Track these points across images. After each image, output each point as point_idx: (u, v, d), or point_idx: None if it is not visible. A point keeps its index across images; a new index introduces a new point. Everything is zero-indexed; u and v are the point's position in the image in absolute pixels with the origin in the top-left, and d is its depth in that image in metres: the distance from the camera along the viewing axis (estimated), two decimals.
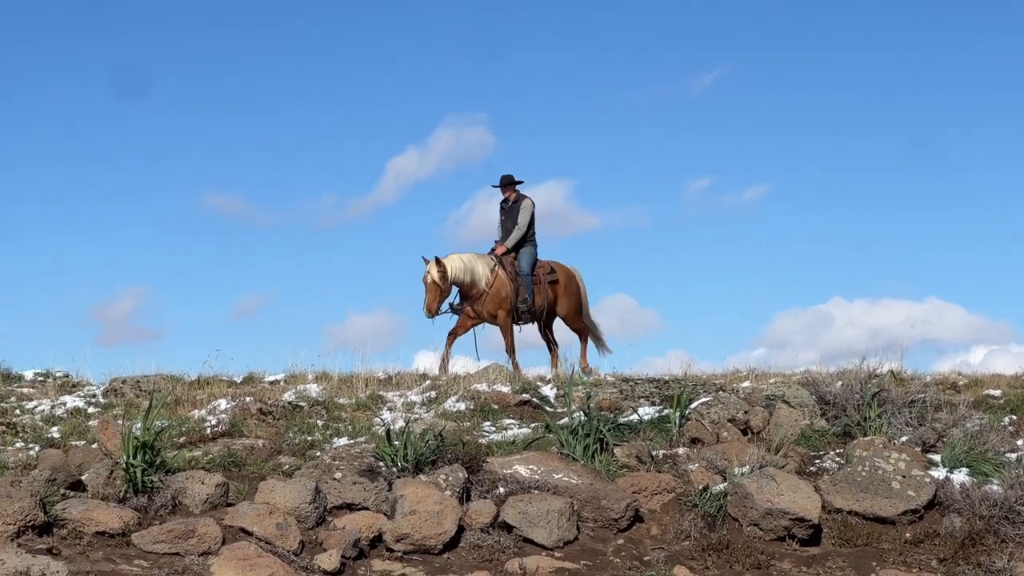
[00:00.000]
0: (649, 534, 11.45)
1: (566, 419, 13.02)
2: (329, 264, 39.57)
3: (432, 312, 18.57)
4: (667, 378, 15.64)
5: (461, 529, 10.90)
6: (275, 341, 32.00)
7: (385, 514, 10.97)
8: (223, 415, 13.28)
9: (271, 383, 15.77)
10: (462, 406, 14.18)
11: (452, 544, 10.80)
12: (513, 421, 13.83)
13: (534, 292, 19.06)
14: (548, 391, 15.12)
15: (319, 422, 13.38)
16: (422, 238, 40.41)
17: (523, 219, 19.23)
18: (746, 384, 15.47)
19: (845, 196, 42.10)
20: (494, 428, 13.51)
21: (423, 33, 42.44)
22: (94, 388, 15.36)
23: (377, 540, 10.77)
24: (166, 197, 40.03)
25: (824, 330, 38.24)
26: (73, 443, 12.27)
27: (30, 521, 10.01)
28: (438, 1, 42.80)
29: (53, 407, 14.03)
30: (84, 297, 38.66)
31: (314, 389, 14.70)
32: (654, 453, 12.61)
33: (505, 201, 19.59)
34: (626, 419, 13.57)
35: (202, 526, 10.26)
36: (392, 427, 12.36)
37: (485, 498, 11.38)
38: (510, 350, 18.82)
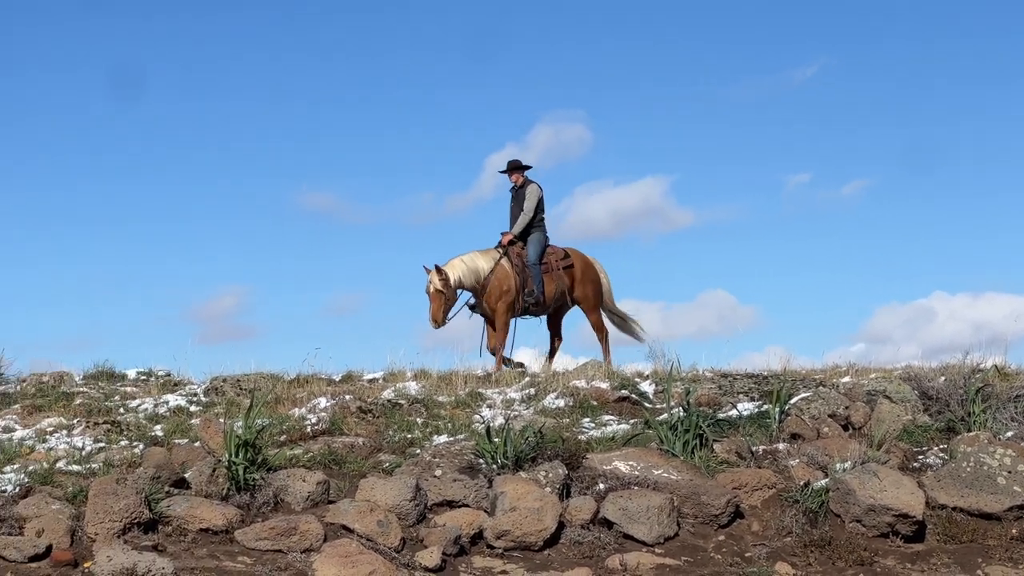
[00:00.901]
0: (750, 530, 11.38)
1: (665, 415, 12.97)
2: (427, 261, 39.57)
3: (439, 322, 17.90)
4: (766, 374, 15.53)
5: (561, 526, 10.89)
6: (372, 339, 32.11)
7: (485, 511, 10.99)
8: (323, 413, 13.36)
9: (370, 381, 15.84)
10: (561, 403, 14.16)
11: (552, 541, 10.80)
12: (612, 417, 13.80)
13: (543, 282, 18.36)
14: (647, 387, 15.05)
15: (419, 420, 13.42)
16: None
17: (529, 204, 18.55)
18: (846, 379, 15.32)
19: (947, 189, 41.60)
20: (593, 424, 13.48)
21: (522, 29, 42.46)
22: (195, 387, 15.50)
23: (477, 537, 10.80)
24: (264, 196, 40.31)
25: (926, 324, 37.81)
26: (176, 441, 12.39)
27: (135, 518, 10.14)
28: None
29: (156, 405, 14.17)
30: (185, 297, 39.07)
31: (413, 387, 14.75)
32: (754, 449, 12.53)
33: (513, 187, 18.97)
34: (725, 415, 13.49)
35: (304, 523, 10.34)
36: (492, 424, 12.36)
37: (585, 494, 11.37)
38: (499, 347, 18.03)
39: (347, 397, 13.80)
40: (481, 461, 11.75)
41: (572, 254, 18.87)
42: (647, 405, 14.00)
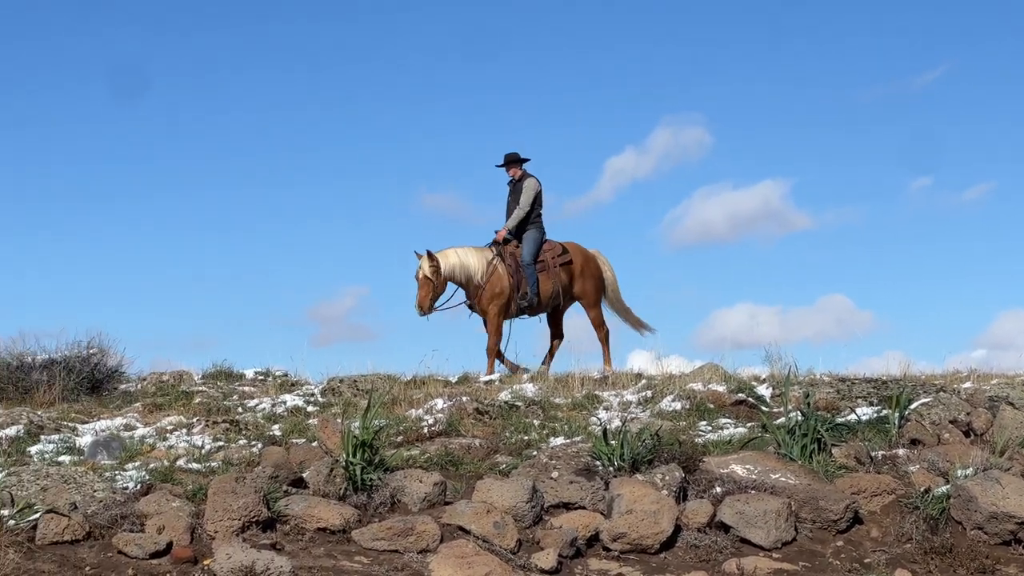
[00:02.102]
0: (869, 536, 11.24)
1: (783, 419, 12.87)
2: None
3: (424, 309, 17.59)
4: (885, 378, 15.35)
5: (678, 529, 10.83)
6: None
7: (602, 513, 10.96)
8: (440, 414, 13.40)
9: (486, 383, 15.87)
10: (678, 405, 14.10)
11: (669, 544, 10.74)
12: (729, 420, 13.71)
13: (538, 282, 17.96)
14: (764, 391, 14.94)
15: (535, 421, 13.42)
16: (638, 238, 40.36)
17: (525, 199, 18.13)
18: (967, 385, 15.11)
19: None
20: (710, 427, 13.40)
21: (643, 31, 42.33)
22: (312, 387, 15.62)
23: (594, 539, 10.76)
24: (385, 197, 40.52)
25: None
26: (294, 441, 12.48)
27: (254, 517, 10.22)
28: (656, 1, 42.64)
29: (274, 405, 14.30)
30: (302, 298, 39.36)
31: (530, 389, 14.76)
32: (873, 454, 12.39)
33: (510, 180, 18.55)
34: (844, 419, 13.35)
35: (421, 524, 10.36)
36: (608, 426, 12.33)
37: (702, 498, 11.30)
38: (492, 351, 17.79)
39: (464, 398, 13.83)
40: (598, 463, 11.72)
41: (571, 249, 18.45)
42: (764, 409, 13.88)
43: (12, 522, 9.99)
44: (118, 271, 37.95)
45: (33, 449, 12.21)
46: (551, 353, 18.62)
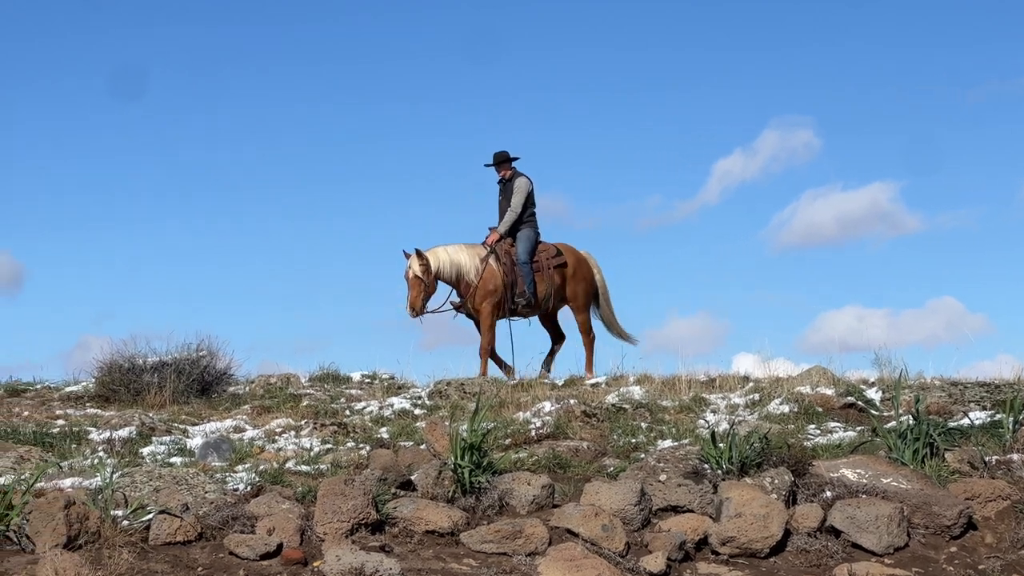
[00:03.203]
0: (983, 542, 11.08)
1: (893, 423, 12.72)
2: (651, 266, 39.56)
3: (416, 310, 17.29)
4: (998, 382, 15.13)
5: (787, 533, 10.73)
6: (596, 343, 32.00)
7: (710, 516, 10.89)
8: (547, 417, 13.39)
9: (592, 385, 15.85)
10: (785, 408, 14.00)
11: (778, 548, 10.65)
12: (838, 424, 13.59)
13: (534, 282, 17.66)
14: (873, 394, 14.80)
15: (643, 424, 13.37)
16: (744, 240, 40.16)
17: (516, 200, 17.80)
18: None
19: None
20: (818, 431, 13.29)
21: (750, 33, 42.10)
22: (419, 390, 15.68)
23: (702, 543, 10.70)
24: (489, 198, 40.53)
25: None
26: (402, 443, 12.53)
27: (363, 519, 10.26)
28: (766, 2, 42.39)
29: (381, 408, 14.37)
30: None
31: (637, 391, 14.71)
32: (987, 459, 12.21)
33: (501, 180, 18.21)
34: (956, 424, 13.17)
35: (529, 527, 10.36)
36: (716, 429, 12.26)
37: (811, 502, 11.20)
38: (485, 350, 17.53)
39: (571, 401, 13.82)
40: (706, 466, 11.65)
41: (565, 251, 18.15)
42: (874, 412, 13.74)
43: (126, 522, 10.10)
44: (227, 272, 38.33)
45: (145, 450, 12.35)
46: (551, 355, 18.44)
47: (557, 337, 18.58)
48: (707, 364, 17.42)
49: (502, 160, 18.14)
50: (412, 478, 11.17)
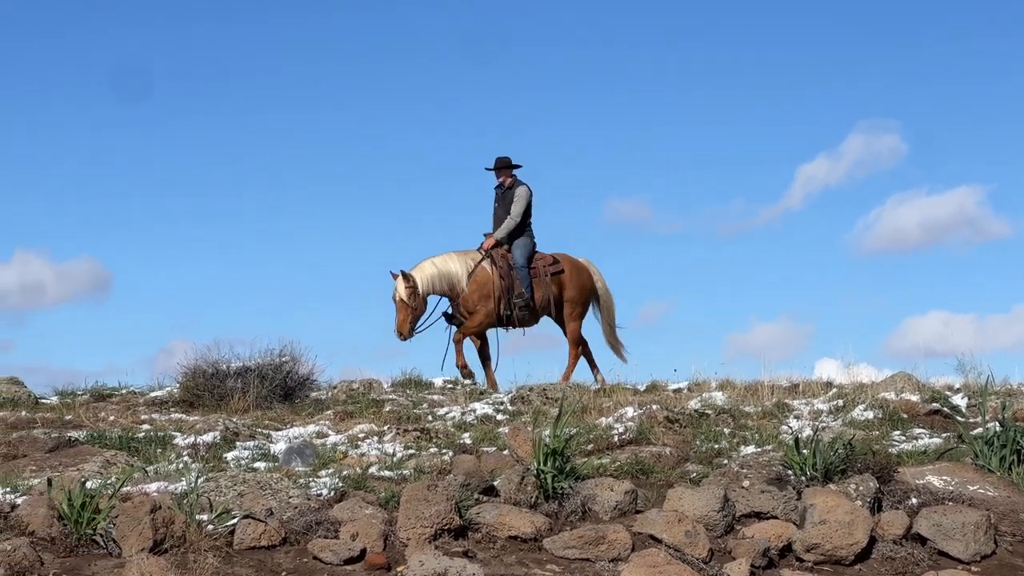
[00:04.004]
0: None
1: (980, 429, 12.60)
2: (733, 271, 39.39)
3: (404, 334, 17.05)
4: None
5: (872, 540, 10.64)
6: (675, 348, 31.99)
7: (794, 523, 10.82)
8: (630, 423, 13.36)
9: (674, 391, 15.81)
10: (870, 415, 13.88)
11: (863, 555, 10.56)
12: (923, 431, 13.46)
13: (532, 286, 17.36)
14: (959, 400, 14.66)
15: (725, 430, 13.31)
16: (828, 245, 39.92)
17: (516, 208, 17.46)
18: None
19: None
20: (903, 437, 13.17)
21: (836, 36, 41.81)
22: (501, 395, 15.69)
23: (786, 550, 10.63)
24: (570, 204, 40.56)
25: None
26: (484, 449, 12.54)
27: (446, 524, 10.28)
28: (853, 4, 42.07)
29: (463, 414, 14.39)
30: None
31: (719, 397, 14.65)
32: None
33: (500, 187, 17.87)
34: None
35: (612, 532, 10.34)
36: (800, 435, 12.18)
37: (897, 509, 11.10)
38: (462, 337, 17.28)
39: (654, 407, 13.78)
40: (789, 472, 11.57)
41: (562, 260, 17.84)
42: (959, 419, 13.60)
43: (211, 527, 10.18)
44: (309, 277, 38.52)
45: (229, 455, 12.44)
46: (591, 364, 18.22)
47: (582, 343, 18.33)
48: (789, 370, 17.30)
49: (504, 166, 17.87)
50: (495, 484, 11.18)
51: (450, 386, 16.49)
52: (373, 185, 40.35)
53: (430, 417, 14.32)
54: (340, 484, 11.28)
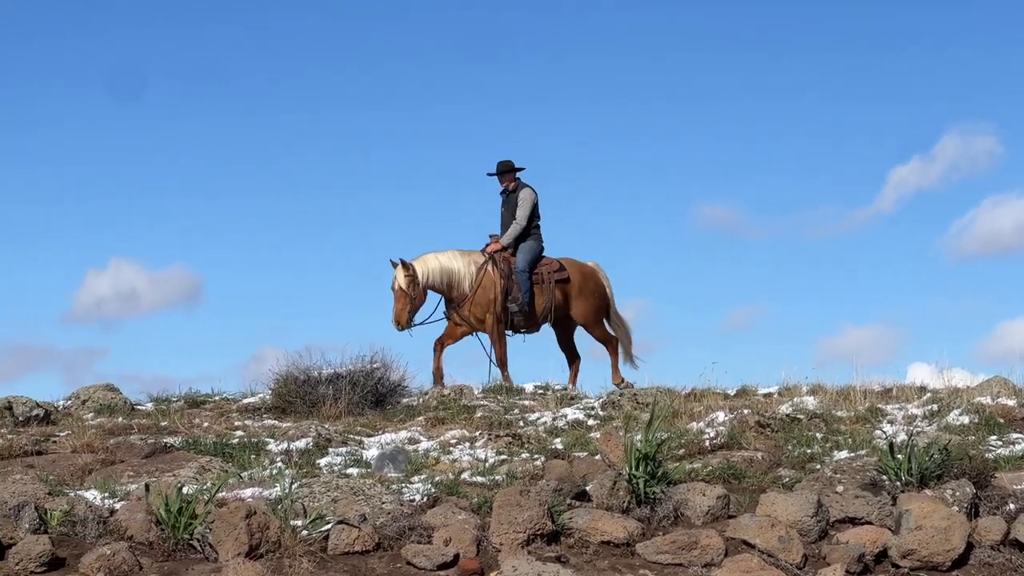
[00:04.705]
0: None
1: None
2: (825, 275, 39.13)
3: (402, 324, 16.82)
4: None
5: (970, 546, 10.54)
6: (766, 353, 31.85)
7: (889, 529, 10.74)
8: (721, 427, 13.31)
9: (765, 395, 15.73)
10: (965, 419, 13.72)
11: (960, 562, 10.46)
12: (1020, 435, 13.28)
13: (532, 292, 17.04)
14: None
15: (817, 435, 13.22)
16: (921, 249, 39.57)
17: (522, 212, 17.15)
18: None
19: None
20: (1000, 442, 13.01)
21: (929, 38, 41.44)
22: (591, 400, 15.67)
23: (881, 555, 10.55)
24: (661, 208, 40.48)
25: None
26: (576, 454, 12.54)
27: (539, 530, 10.29)
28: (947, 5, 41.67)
29: (554, 419, 14.38)
30: None
31: (811, 401, 14.54)
32: None
33: (504, 191, 17.56)
34: None
35: (705, 538, 10.31)
36: (894, 440, 12.08)
37: (994, 514, 10.98)
38: (501, 363, 17.08)
39: (745, 411, 13.72)
40: (884, 478, 11.48)
41: (568, 265, 17.53)
42: None
43: (305, 532, 10.26)
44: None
45: (322, 461, 12.51)
46: (573, 373, 18.00)
47: (572, 357, 18.14)
48: (882, 374, 17.15)
49: (506, 170, 17.63)
50: (587, 488, 11.17)
51: (540, 391, 16.50)
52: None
53: (521, 422, 14.33)
54: (433, 490, 11.32)
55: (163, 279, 39.76)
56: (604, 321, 17.95)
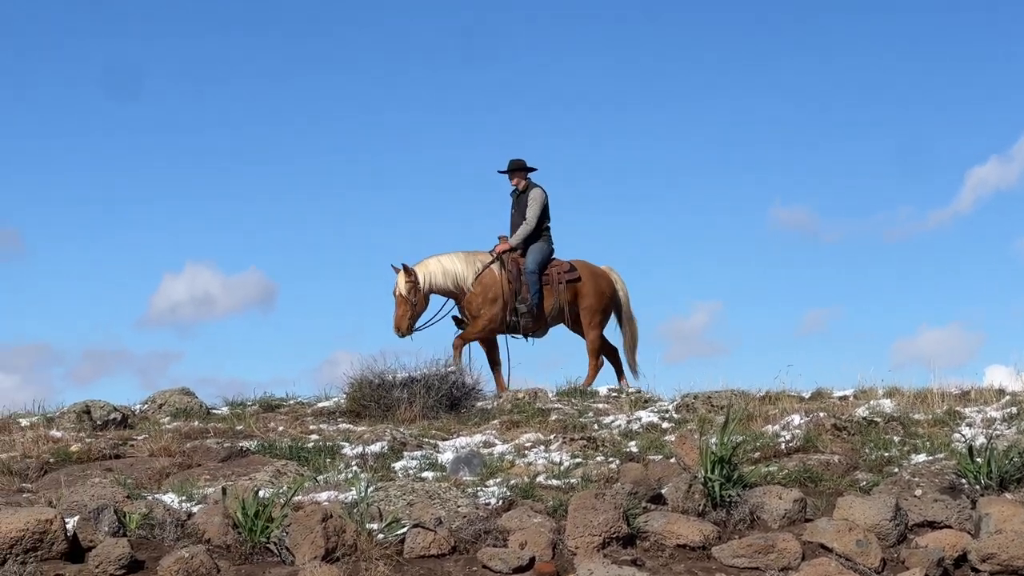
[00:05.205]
0: None
1: None
2: (901, 277, 38.83)
3: (402, 330, 16.70)
4: None
5: None
6: (840, 356, 31.61)
7: (968, 533, 10.65)
8: (797, 430, 13.23)
9: (840, 398, 15.61)
10: None
11: None
12: None
13: (541, 294, 16.79)
14: None
15: (895, 438, 13.12)
16: (1000, 250, 39.21)
17: (531, 213, 16.91)
18: None
19: None
20: None
21: (1007, 37, 41.06)
22: (665, 403, 15.62)
23: (961, 560, 10.46)
24: (736, 211, 40.32)
25: None
26: (651, 457, 12.51)
27: (614, 533, 10.28)
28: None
29: (629, 422, 14.35)
30: (656, 313, 39.35)
31: (887, 404, 14.43)
32: None
33: (514, 190, 17.36)
34: None
35: (781, 541, 10.26)
36: (973, 443, 11.97)
37: None
38: (463, 341, 16.88)
39: (821, 414, 13.63)
40: (963, 481, 11.38)
41: (580, 267, 17.30)
42: None
43: (380, 536, 10.28)
44: None
45: (397, 465, 12.54)
46: (618, 371, 17.85)
47: (609, 353, 17.92)
48: (959, 377, 16.98)
49: (517, 168, 17.45)
50: (662, 492, 11.15)
51: (615, 395, 16.47)
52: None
53: (596, 426, 14.31)
54: (508, 493, 11.32)
55: (238, 283, 40.07)
56: (602, 329, 17.66)
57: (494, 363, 17.56)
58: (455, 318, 17.29)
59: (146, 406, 15.95)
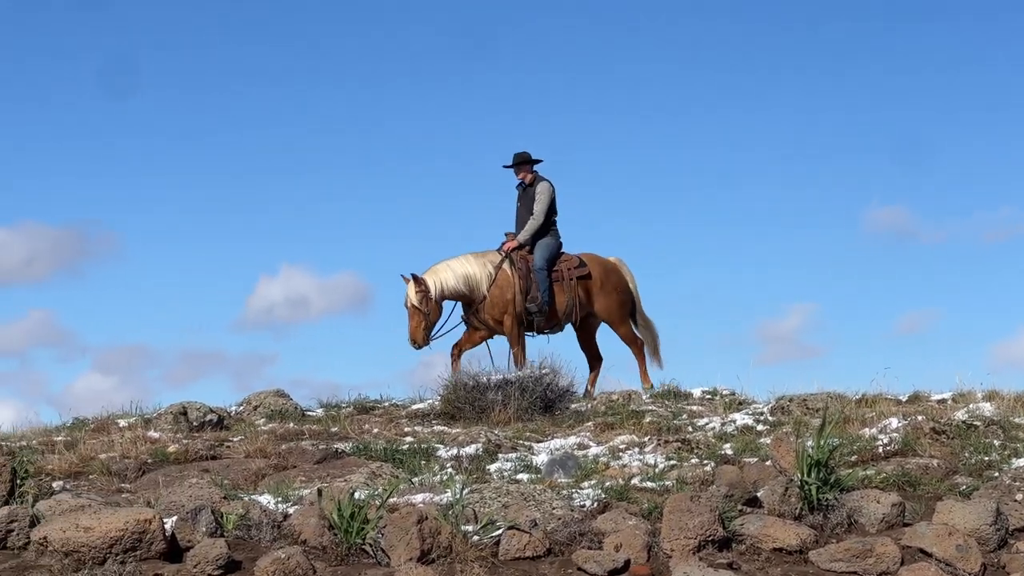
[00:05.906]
0: None
1: None
2: (1000, 279, 38.36)
3: (418, 342, 16.43)
4: None
5: None
6: (937, 359, 31.25)
7: None
8: (894, 434, 13.10)
9: (938, 402, 15.44)
10: None
11: None
12: None
13: (552, 290, 16.47)
14: None
15: (995, 442, 12.95)
16: None
17: (539, 207, 16.60)
18: None
19: None
20: None
21: None
22: (760, 406, 15.53)
23: None
24: (832, 212, 40.04)
25: None
26: (746, 459, 12.44)
27: (710, 536, 10.23)
28: None
29: (723, 424, 14.30)
30: (750, 315, 39.16)
31: (987, 408, 14.24)
32: None
33: (520, 184, 17.01)
34: None
35: (880, 546, 10.17)
36: None
37: None
38: (520, 365, 16.37)
39: (919, 418, 13.49)
40: None
41: (589, 261, 16.98)
42: None
43: (476, 537, 10.30)
44: None
45: (492, 467, 12.56)
46: (593, 376, 17.52)
47: (594, 359, 17.70)
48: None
49: (523, 161, 17.10)
50: (758, 495, 11.08)
51: (708, 396, 16.41)
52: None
53: (690, 428, 14.26)
54: (603, 495, 11.30)
55: (333, 285, 40.29)
56: (630, 320, 17.51)
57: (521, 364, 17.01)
58: (464, 319, 17.03)
59: (241, 408, 16.10)
